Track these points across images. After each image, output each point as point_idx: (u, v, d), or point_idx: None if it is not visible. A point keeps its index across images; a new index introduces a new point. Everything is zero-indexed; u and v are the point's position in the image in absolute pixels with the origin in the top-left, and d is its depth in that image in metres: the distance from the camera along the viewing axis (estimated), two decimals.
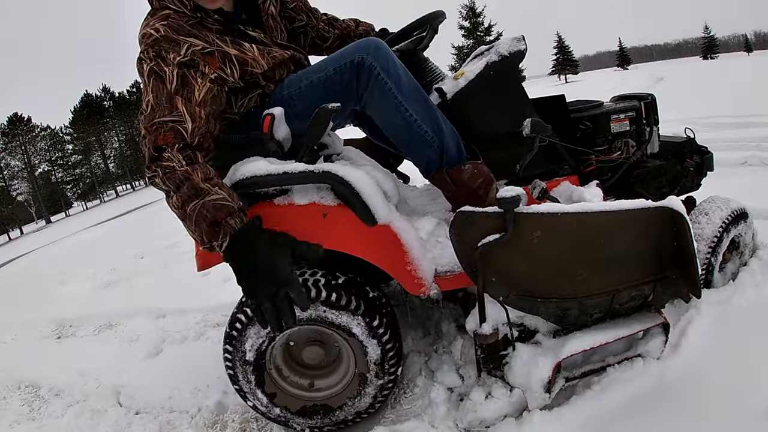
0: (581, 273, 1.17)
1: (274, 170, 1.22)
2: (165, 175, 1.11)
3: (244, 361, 1.33)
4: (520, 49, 1.42)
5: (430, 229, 1.40)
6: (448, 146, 1.31)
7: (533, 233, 1.11)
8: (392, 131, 1.33)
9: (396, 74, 1.26)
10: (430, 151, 1.31)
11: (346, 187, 1.20)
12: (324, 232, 1.24)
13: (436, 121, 1.30)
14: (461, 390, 1.40)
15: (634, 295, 1.24)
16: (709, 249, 1.50)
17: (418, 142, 1.31)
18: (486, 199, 1.32)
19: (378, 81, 1.24)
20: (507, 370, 1.25)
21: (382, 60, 1.24)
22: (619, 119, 1.64)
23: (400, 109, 1.27)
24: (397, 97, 1.26)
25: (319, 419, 1.38)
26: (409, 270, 1.26)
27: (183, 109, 1.15)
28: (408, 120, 1.28)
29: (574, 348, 1.20)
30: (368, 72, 1.24)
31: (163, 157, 1.12)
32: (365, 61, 1.23)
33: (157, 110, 1.14)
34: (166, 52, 1.17)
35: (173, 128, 1.13)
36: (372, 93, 1.27)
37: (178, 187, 1.10)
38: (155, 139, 1.13)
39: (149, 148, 1.13)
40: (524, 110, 1.44)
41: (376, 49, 1.24)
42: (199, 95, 1.19)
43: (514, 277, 1.18)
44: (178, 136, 1.13)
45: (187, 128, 1.14)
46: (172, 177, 1.10)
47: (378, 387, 1.33)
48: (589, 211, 1.11)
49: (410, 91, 1.28)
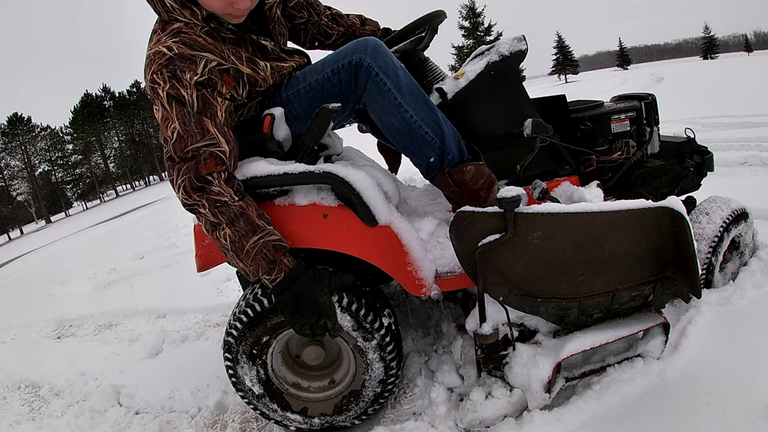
0: (581, 273, 1.17)
1: (275, 171, 1.21)
2: (216, 208, 1.11)
3: (257, 396, 1.36)
4: (521, 48, 1.42)
5: (431, 230, 1.40)
6: (449, 147, 1.30)
7: (533, 233, 1.11)
8: (392, 132, 1.31)
9: (395, 75, 1.24)
10: (431, 152, 1.30)
11: (347, 188, 1.20)
12: (324, 233, 1.24)
13: (437, 121, 1.29)
14: (461, 390, 1.40)
15: (634, 295, 1.24)
16: (710, 248, 1.50)
17: (419, 143, 1.30)
18: (488, 199, 1.31)
19: (377, 82, 1.23)
20: (507, 370, 1.25)
21: (380, 60, 1.22)
22: (620, 119, 1.64)
23: (399, 110, 1.25)
24: (397, 98, 1.24)
25: (356, 405, 1.37)
26: (410, 271, 1.26)
27: (215, 132, 1.12)
28: (408, 121, 1.26)
29: (574, 348, 1.21)
30: (366, 73, 1.22)
31: (212, 190, 1.11)
32: (363, 61, 1.22)
33: (187, 137, 1.10)
34: (181, 71, 1.10)
35: (212, 153, 1.11)
36: (370, 94, 1.25)
37: (232, 221, 1.12)
38: (196, 167, 1.10)
39: (190, 177, 1.10)
40: (525, 110, 1.44)
41: (374, 50, 1.22)
42: (221, 115, 1.16)
43: (514, 277, 1.18)
44: (219, 162, 1.12)
45: (224, 151, 1.13)
46: (225, 212, 1.12)
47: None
48: (590, 212, 1.11)
49: (410, 91, 1.26)
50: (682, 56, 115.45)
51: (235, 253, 1.14)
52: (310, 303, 1.14)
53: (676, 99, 7.00)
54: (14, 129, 40.77)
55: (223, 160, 1.13)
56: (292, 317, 1.16)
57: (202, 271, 1.36)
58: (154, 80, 1.11)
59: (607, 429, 1.14)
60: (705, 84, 10.06)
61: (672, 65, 31.73)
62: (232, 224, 1.12)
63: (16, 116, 41.12)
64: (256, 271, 1.15)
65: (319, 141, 1.31)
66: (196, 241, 1.34)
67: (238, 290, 2.69)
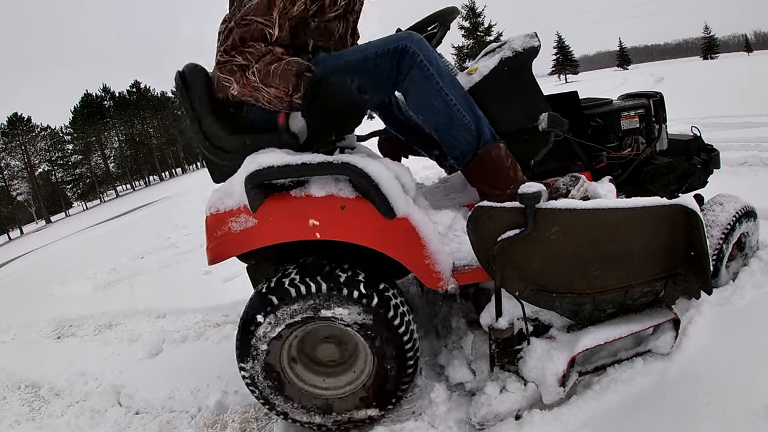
0: (596, 269, 1.17)
1: (292, 161, 1.20)
2: (246, 53, 1.24)
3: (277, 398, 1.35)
4: (534, 45, 1.43)
5: (448, 223, 1.39)
6: (483, 129, 1.36)
7: (551, 229, 1.11)
8: (432, 115, 1.37)
9: (436, 62, 1.32)
10: (467, 134, 1.36)
11: (366, 179, 1.19)
12: (342, 225, 1.23)
13: (472, 106, 1.36)
14: (473, 385, 1.39)
15: (647, 291, 1.25)
16: (722, 235, 1.52)
17: (458, 124, 1.35)
18: (515, 178, 1.35)
19: (422, 67, 1.30)
20: (521, 365, 1.25)
21: (425, 49, 1.31)
22: (629, 116, 1.65)
23: (441, 93, 1.32)
24: (439, 83, 1.32)
25: (382, 393, 1.36)
26: (428, 264, 1.24)
27: (276, 17, 1.26)
28: (449, 104, 1.33)
29: (588, 342, 1.21)
30: (412, 59, 1.30)
31: (247, 44, 1.25)
32: (409, 48, 1.29)
33: (253, 9, 1.24)
34: None
35: (262, 31, 1.25)
36: (414, 79, 1.32)
37: (259, 58, 1.24)
38: (242, 32, 1.24)
39: (234, 38, 1.24)
40: (539, 105, 1.45)
41: (419, 40, 1.32)
42: (290, 8, 1.28)
43: (530, 272, 1.18)
44: (263, 39, 1.26)
45: (273, 34, 1.26)
46: (253, 53, 1.24)
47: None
48: (606, 208, 1.11)
49: (449, 78, 1.34)
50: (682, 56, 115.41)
51: (264, 82, 1.23)
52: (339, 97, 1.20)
53: (676, 99, 6.97)
54: (14, 129, 40.79)
55: (267, 39, 1.26)
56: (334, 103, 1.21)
57: (213, 263, 1.33)
58: None
59: (607, 429, 1.14)
60: (705, 84, 10.06)
61: (672, 65, 31.73)
62: (259, 60, 1.24)
63: (16, 116, 41.14)
64: (287, 90, 1.23)
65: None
66: (208, 232, 1.32)
67: (237, 290, 2.68)
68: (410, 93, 1.36)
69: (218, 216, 1.28)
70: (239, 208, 1.26)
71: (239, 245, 1.28)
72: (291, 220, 1.25)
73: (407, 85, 1.34)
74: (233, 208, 1.27)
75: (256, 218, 1.25)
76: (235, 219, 1.26)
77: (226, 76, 1.27)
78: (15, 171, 41.07)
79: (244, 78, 1.25)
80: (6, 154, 40.48)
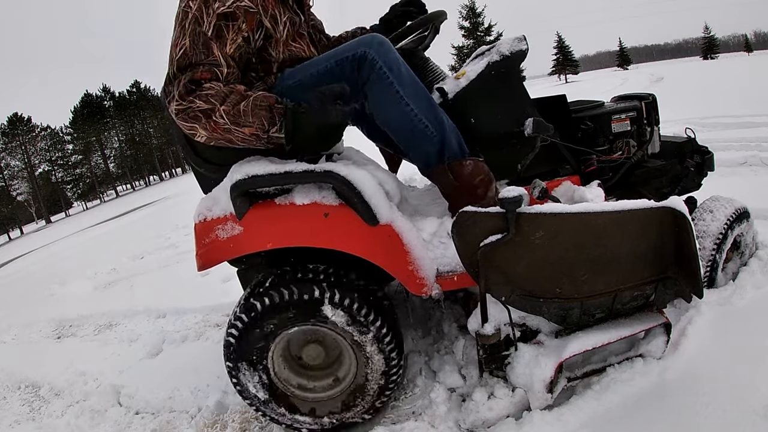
0: (584, 273, 1.17)
1: (276, 170, 1.21)
2: (208, 97, 1.16)
3: (263, 401, 1.36)
4: (522, 48, 1.42)
5: (433, 230, 1.39)
6: (449, 141, 1.32)
7: (536, 233, 1.11)
8: (393, 126, 1.33)
9: (398, 69, 1.26)
10: (430, 146, 1.31)
11: (348, 187, 1.20)
12: (325, 232, 1.24)
13: (437, 116, 1.30)
14: (463, 390, 1.40)
15: (636, 295, 1.24)
16: (714, 245, 1.51)
17: (419, 136, 1.31)
18: (485, 197, 1.32)
19: (380, 74, 1.25)
20: (509, 371, 1.25)
21: (384, 54, 1.25)
22: (620, 119, 1.64)
23: (401, 103, 1.27)
24: (399, 91, 1.26)
25: (363, 400, 1.37)
26: (411, 270, 1.25)
27: (219, 55, 1.20)
28: (409, 114, 1.28)
29: (576, 348, 1.21)
30: (370, 65, 1.24)
31: (203, 87, 1.17)
32: (367, 54, 1.24)
33: (192, 54, 1.18)
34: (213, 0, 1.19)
35: (210, 69, 1.19)
36: (372, 86, 1.27)
37: (224, 99, 1.17)
38: (192, 75, 1.17)
39: (183, 83, 1.17)
40: (526, 110, 1.44)
41: (378, 44, 1.25)
42: (230, 48, 1.22)
43: (516, 277, 1.18)
44: (214, 77, 1.19)
45: (222, 71, 1.20)
46: (215, 96, 1.17)
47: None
48: (592, 212, 1.11)
49: (411, 86, 1.28)
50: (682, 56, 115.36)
51: (235, 123, 1.17)
52: (320, 119, 1.18)
53: (675, 99, 7.00)
54: (14, 129, 40.76)
55: (219, 77, 1.19)
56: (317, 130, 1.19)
57: (202, 269, 1.36)
58: (187, 4, 1.20)
59: (607, 429, 1.14)
60: (705, 84, 10.06)
61: (672, 65, 31.73)
62: (224, 101, 1.17)
63: (16, 116, 41.12)
64: (262, 127, 1.17)
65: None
66: (197, 239, 1.34)
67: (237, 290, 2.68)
68: (371, 101, 1.31)
69: (206, 223, 1.30)
70: (226, 216, 1.28)
71: (226, 252, 1.30)
72: (275, 227, 1.26)
73: (368, 93, 1.30)
74: (220, 216, 1.29)
75: (242, 226, 1.27)
76: (222, 227, 1.29)
77: (189, 124, 1.19)
78: (15, 171, 41.03)
79: (211, 123, 1.17)
80: (6, 154, 40.44)
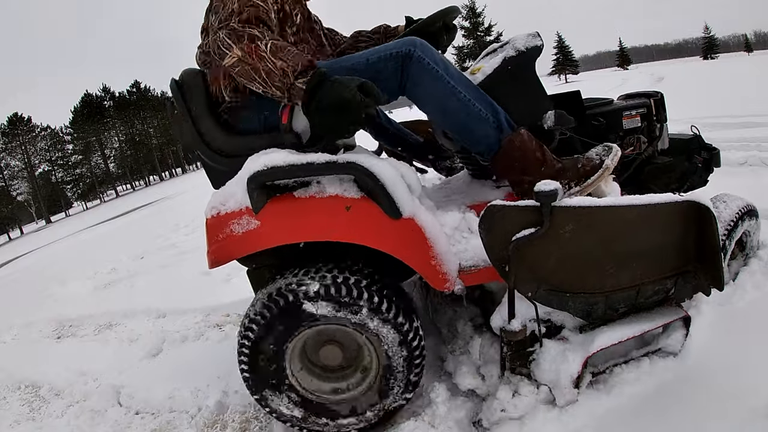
0: (610, 267, 1.16)
1: (297, 160, 1.18)
2: (262, 31, 1.22)
3: (301, 419, 1.34)
4: (536, 44, 1.43)
5: (455, 224, 1.37)
6: (501, 120, 1.36)
7: (566, 227, 1.10)
8: (448, 116, 1.35)
9: (443, 63, 1.32)
10: (488, 127, 1.35)
11: (371, 179, 1.17)
12: (347, 226, 1.21)
13: (486, 99, 1.35)
14: (483, 390, 1.37)
15: (658, 289, 1.24)
16: (726, 231, 1.52)
17: (476, 120, 1.34)
18: (544, 160, 1.33)
19: (429, 70, 1.29)
20: (534, 367, 1.23)
21: (429, 52, 1.30)
22: (631, 116, 1.66)
23: (454, 92, 1.31)
24: (450, 82, 1.30)
25: (396, 381, 1.34)
26: (434, 264, 1.22)
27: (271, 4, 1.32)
28: (463, 101, 1.32)
29: (603, 342, 1.20)
30: (417, 63, 1.28)
31: (259, 26, 1.25)
32: (413, 53, 1.28)
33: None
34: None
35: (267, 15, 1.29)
36: (422, 82, 1.30)
37: (272, 37, 1.22)
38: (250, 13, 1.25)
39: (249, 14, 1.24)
40: (543, 104, 1.45)
41: (422, 44, 1.30)
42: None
43: (544, 271, 1.16)
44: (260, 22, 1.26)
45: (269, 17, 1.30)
46: (268, 33, 1.23)
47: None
48: (621, 205, 1.10)
49: (459, 75, 1.34)
50: (682, 56, 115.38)
51: (273, 54, 1.17)
52: (342, 98, 1.14)
53: (676, 99, 6.98)
54: (14, 129, 40.79)
55: (264, 21, 1.28)
56: (331, 113, 1.15)
57: (214, 266, 1.31)
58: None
59: (609, 428, 1.14)
60: (705, 84, 10.06)
61: (672, 65, 31.73)
62: (272, 38, 1.21)
63: (16, 116, 41.15)
64: (295, 68, 1.16)
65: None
66: (209, 235, 1.29)
67: (237, 290, 2.68)
68: (422, 98, 1.33)
69: (219, 218, 1.26)
70: (241, 210, 1.24)
71: (242, 248, 1.25)
72: (295, 221, 1.23)
73: (417, 91, 1.32)
74: (235, 210, 1.24)
75: (259, 220, 1.23)
76: (237, 221, 1.24)
77: (229, 42, 1.20)
78: (15, 171, 41.09)
79: (252, 45, 1.18)
80: (6, 154, 40.49)
